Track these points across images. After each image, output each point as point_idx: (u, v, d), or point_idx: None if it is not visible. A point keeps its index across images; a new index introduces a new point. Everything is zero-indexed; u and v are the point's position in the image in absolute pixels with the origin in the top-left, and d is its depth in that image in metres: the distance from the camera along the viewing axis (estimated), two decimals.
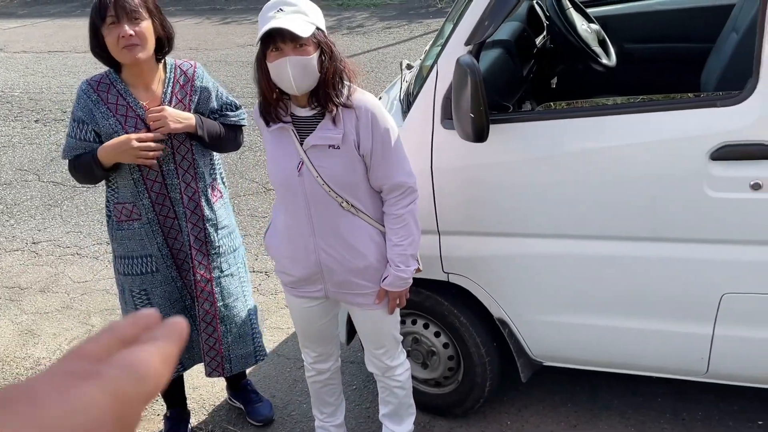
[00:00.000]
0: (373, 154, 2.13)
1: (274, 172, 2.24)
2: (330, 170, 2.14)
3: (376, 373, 2.53)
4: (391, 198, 2.20)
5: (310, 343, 2.52)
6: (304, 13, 2.02)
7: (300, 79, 2.02)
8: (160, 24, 2.37)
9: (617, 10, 3.56)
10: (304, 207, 2.20)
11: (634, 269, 2.34)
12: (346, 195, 2.18)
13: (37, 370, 3.50)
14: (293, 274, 2.31)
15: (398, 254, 2.23)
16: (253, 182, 5.32)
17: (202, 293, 2.59)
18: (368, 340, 2.46)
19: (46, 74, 8.82)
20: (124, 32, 2.25)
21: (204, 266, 2.59)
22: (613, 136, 2.23)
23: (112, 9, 2.25)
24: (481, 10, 2.26)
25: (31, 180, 5.75)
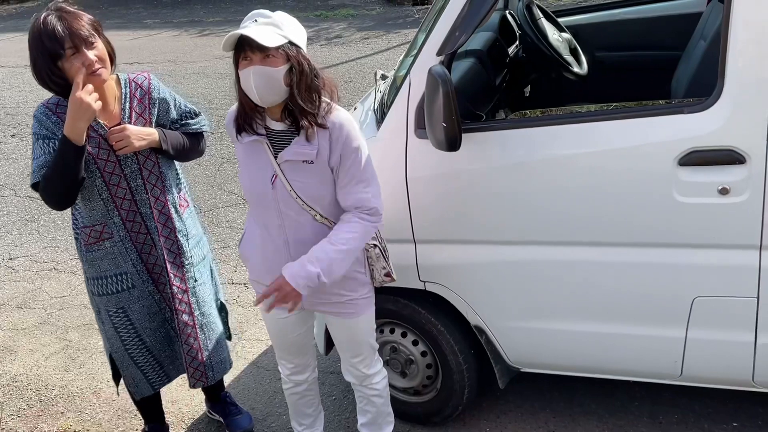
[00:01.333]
0: (341, 170, 2.13)
1: (247, 185, 2.24)
2: (303, 184, 2.15)
3: (354, 382, 2.53)
4: (357, 212, 2.17)
5: (286, 354, 2.51)
6: (277, 26, 2.04)
7: (263, 89, 2.03)
8: (106, 41, 2.36)
9: (588, 20, 3.60)
10: (278, 218, 2.21)
11: (606, 274, 2.36)
12: (319, 208, 2.19)
13: (14, 387, 3.46)
14: (266, 284, 2.31)
15: (322, 251, 2.11)
16: (231, 194, 5.31)
17: (180, 304, 2.59)
18: (344, 349, 2.46)
19: (23, 89, 8.76)
20: (89, 60, 2.23)
21: (179, 278, 2.58)
22: (586, 143, 2.26)
23: (69, 40, 2.21)
24: (453, 20, 2.28)
25: (7, 195, 5.70)
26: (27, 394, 3.41)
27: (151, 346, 2.63)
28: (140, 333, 2.59)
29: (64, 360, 3.63)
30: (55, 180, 2.30)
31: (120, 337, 2.58)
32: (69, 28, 2.22)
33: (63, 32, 2.21)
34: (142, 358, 2.62)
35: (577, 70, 3.04)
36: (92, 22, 2.31)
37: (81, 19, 2.27)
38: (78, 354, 3.66)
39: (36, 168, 2.33)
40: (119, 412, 3.22)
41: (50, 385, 3.46)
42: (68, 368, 3.56)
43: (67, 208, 2.42)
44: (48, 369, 3.58)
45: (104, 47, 2.31)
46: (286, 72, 2.03)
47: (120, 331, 2.57)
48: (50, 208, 2.42)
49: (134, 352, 2.61)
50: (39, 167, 2.32)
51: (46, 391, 3.42)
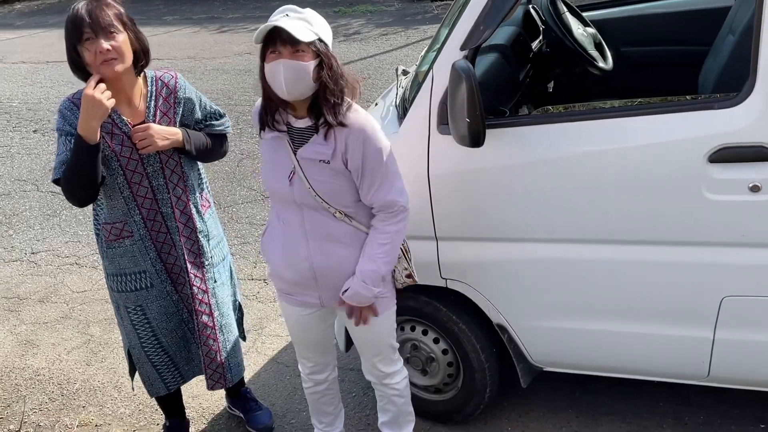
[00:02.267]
0: (363, 173, 2.12)
1: (269, 180, 2.24)
2: (321, 182, 2.13)
3: (374, 381, 2.51)
4: (383, 214, 2.19)
5: (306, 352, 2.50)
6: (308, 21, 2.04)
7: (291, 84, 2.01)
8: (135, 37, 2.34)
9: (613, 14, 3.55)
10: (298, 215, 2.20)
11: (633, 273, 2.33)
12: (339, 206, 2.17)
13: (37, 381, 3.48)
14: (287, 279, 2.30)
15: (371, 271, 2.19)
16: (251, 190, 5.32)
17: (200, 305, 2.58)
18: (364, 348, 2.44)
19: (45, 84, 8.83)
20: (102, 48, 2.22)
21: (200, 278, 2.58)
22: (612, 139, 2.22)
23: (87, 26, 2.22)
24: (477, 15, 2.26)
25: (29, 190, 5.74)
26: (49, 388, 3.43)
27: (167, 347, 2.62)
28: (156, 333, 2.59)
29: (86, 354, 3.65)
30: (73, 178, 2.30)
31: (137, 333, 2.58)
32: (91, 14, 2.23)
33: (85, 18, 2.22)
34: (157, 357, 2.62)
35: (601, 65, 3.00)
36: (119, 15, 2.30)
37: (107, 9, 2.27)
38: (100, 348, 3.68)
39: (57, 164, 2.34)
40: (140, 406, 3.23)
41: (72, 379, 3.47)
42: (90, 362, 3.58)
43: (88, 205, 2.41)
44: (70, 363, 3.59)
45: (128, 41, 2.30)
46: (314, 68, 2.02)
47: (137, 328, 2.58)
48: (72, 204, 2.41)
49: (150, 351, 2.61)
50: (60, 164, 2.33)
51: (68, 385, 3.44)
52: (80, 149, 2.23)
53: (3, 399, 3.39)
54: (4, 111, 7.76)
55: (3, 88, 8.84)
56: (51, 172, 2.42)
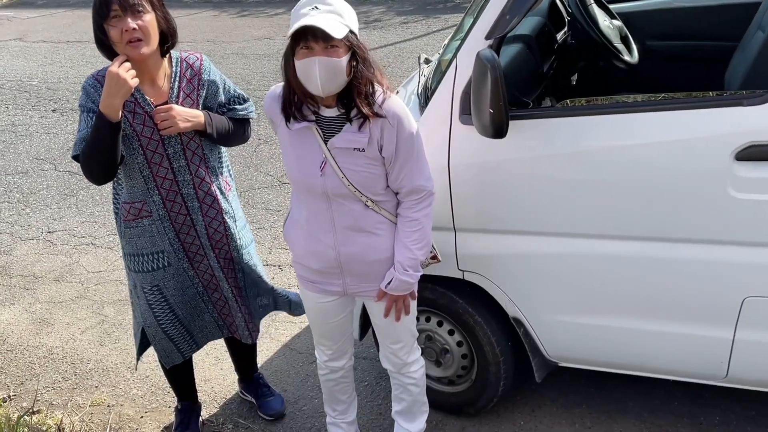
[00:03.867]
0: (395, 159, 2.10)
1: (295, 171, 2.18)
2: (355, 171, 2.10)
3: (391, 369, 2.50)
4: (409, 201, 2.18)
5: (325, 340, 2.49)
6: (339, 14, 1.97)
7: (327, 81, 1.97)
8: (163, 17, 2.33)
9: (640, 7, 3.50)
10: (326, 204, 2.17)
11: (654, 270, 2.29)
12: (371, 194, 2.15)
13: (50, 360, 3.50)
14: (311, 267, 2.29)
15: (408, 258, 2.20)
16: (267, 175, 5.31)
17: (229, 274, 2.62)
18: (384, 335, 2.43)
19: (64, 64, 8.85)
20: (128, 26, 2.20)
21: (226, 251, 2.60)
22: (634, 134, 2.19)
23: (116, 2, 2.21)
24: (503, 4, 2.22)
25: (47, 169, 5.76)
26: (63, 367, 3.45)
27: (183, 318, 2.65)
28: (173, 307, 2.60)
29: (99, 334, 3.66)
30: (92, 155, 2.29)
31: (153, 312, 2.59)
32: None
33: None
34: (174, 330, 2.64)
35: (627, 58, 2.96)
36: None
37: None
38: (113, 329, 3.69)
39: (78, 141, 2.33)
40: (153, 388, 3.24)
41: (85, 358, 3.49)
42: (103, 343, 3.60)
43: (106, 183, 2.40)
44: (83, 343, 3.61)
45: (155, 21, 2.28)
46: (347, 61, 1.98)
47: (154, 307, 2.58)
48: (89, 182, 2.41)
49: (167, 326, 2.62)
50: (80, 140, 2.32)
51: (81, 364, 3.45)
52: (101, 126, 2.22)
53: (17, 376, 3.41)
54: (23, 90, 7.80)
55: (23, 66, 8.88)
56: (69, 152, 2.41)
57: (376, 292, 2.27)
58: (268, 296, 2.79)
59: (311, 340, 3.43)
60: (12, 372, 3.44)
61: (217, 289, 2.64)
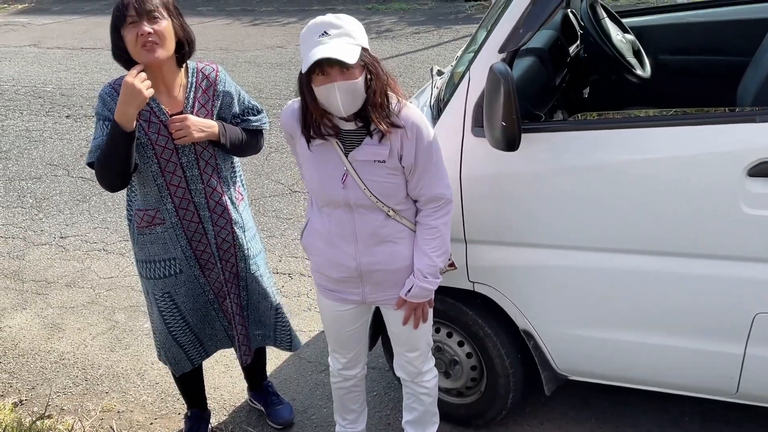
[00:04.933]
0: (414, 167, 2.12)
1: (316, 184, 2.19)
2: (377, 182, 2.12)
3: (405, 378, 2.51)
4: (428, 209, 2.19)
5: (340, 348, 2.50)
6: (350, 35, 1.97)
7: (347, 103, 2.00)
8: (179, 25, 2.36)
9: (653, 21, 3.51)
10: (348, 216, 2.19)
11: (664, 285, 2.29)
12: (393, 204, 2.17)
13: (62, 365, 3.52)
14: (331, 276, 2.30)
15: (428, 266, 2.21)
16: (278, 184, 5.33)
17: (232, 288, 2.62)
18: (401, 343, 2.43)
19: (78, 71, 8.93)
20: (143, 30, 2.24)
21: (232, 264, 2.61)
22: (646, 148, 2.20)
23: (132, 8, 2.24)
24: (517, 18, 2.23)
25: (60, 175, 5.81)
26: (73, 372, 3.47)
27: (193, 325, 2.66)
28: (184, 314, 2.62)
29: (110, 340, 3.68)
30: (106, 163, 2.31)
31: (164, 319, 2.61)
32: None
33: (130, 2, 2.25)
34: (184, 337, 2.66)
35: (639, 72, 2.97)
36: (165, 2, 2.32)
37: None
38: (124, 335, 3.72)
39: (93, 148, 2.36)
40: (162, 395, 3.26)
41: (96, 364, 3.51)
42: (114, 348, 3.62)
43: (119, 190, 2.44)
44: (94, 348, 3.63)
45: (171, 28, 2.31)
46: (364, 80, 2.01)
47: (165, 314, 2.60)
48: (103, 189, 2.43)
49: (177, 333, 2.64)
50: (95, 148, 2.35)
51: (92, 370, 3.47)
52: (115, 136, 2.25)
53: (28, 381, 3.43)
54: (38, 95, 7.87)
55: (38, 72, 8.96)
56: (82, 158, 2.44)
57: (395, 300, 2.29)
58: (269, 329, 2.79)
59: (320, 349, 3.45)
60: (24, 377, 3.47)
61: (226, 298, 2.66)
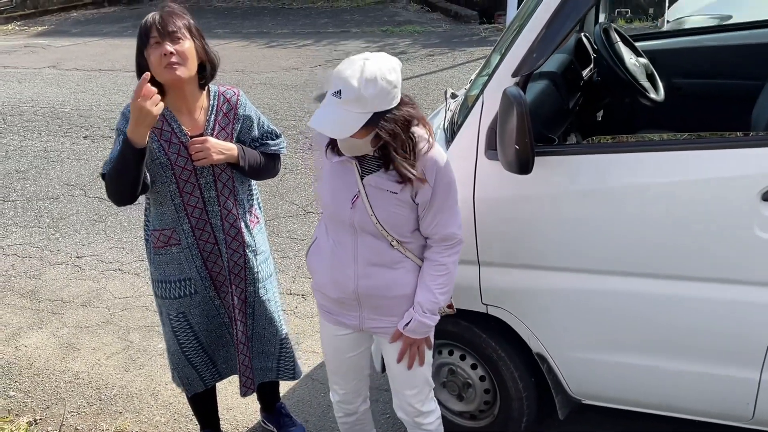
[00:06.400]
0: (429, 206, 2.12)
1: (328, 200, 2.21)
2: (385, 211, 2.12)
3: (405, 419, 2.44)
4: (439, 247, 2.19)
5: (338, 378, 2.47)
6: (362, 100, 1.91)
7: (352, 151, 2.05)
8: (202, 47, 2.40)
9: (666, 45, 3.52)
10: (352, 237, 2.19)
11: (678, 309, 2.29)
12: (397, 235, 2.16)
13: (76, 384, 3.54)
14: (330, 295, 2.30)
15: (430, 301, 2.19)
16: (293, 204, 5.36)
17: (238, 315, 2.61)
18: (398, 380, 2.38)
19: (96, 92, 9.03)
20: (166, 50, 2.28)
21: (240, 290, 2.61)
22: (660, 172, 2.20)
23: (155, 29, 2.30)
24: (530, 42, 2.25)
25: (77, 195, 5.87)
26: (87, 392, 3.48)
27: (207, 346, 2.67)
28: (198, 334, 2.63)
29: (124, 360, 3.70)
30: (116, 177, 2.34)
31: (178, 340, 2.62)
32: (161, 19, 2.31)
33: (154, 23, 2.30)
34: (197, 358, 2.66)
35: (653, 96, 2.97)
36: (188, 24, 2.37)
37: (176, 17, 2.34)
38: (138, 355, 3.73)
39: (108, 160, 2.39)
40: (176, 415, 3.26)
41: (110, 384, 3.53)
42: (128, 368, 3.63)
43: (126, 205, 2.44)
44: (109, 368, 3.65)
45: (194, 50, 2.36)
46: (372, 137, 2.00)
47: (178, 334, 2.61)
48: (111, 202, 2.45)
49: (190, 353, 2.65)
50: (110, 161, 2.37)
51: (106, 390, 3.49)
52: (126, 151, 2.28)
53: (43, 400, 3.45)
54: (56, 116, 7.96)
55: (56, 93, 9.08)
56: (99, 178, 2.47)
57: (392, 331, 2.26)
58: (272, 360, 2.79)
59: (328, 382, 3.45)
60: (38, 396, 3.49)
61: (232, 325, 2.65)
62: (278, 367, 2.81)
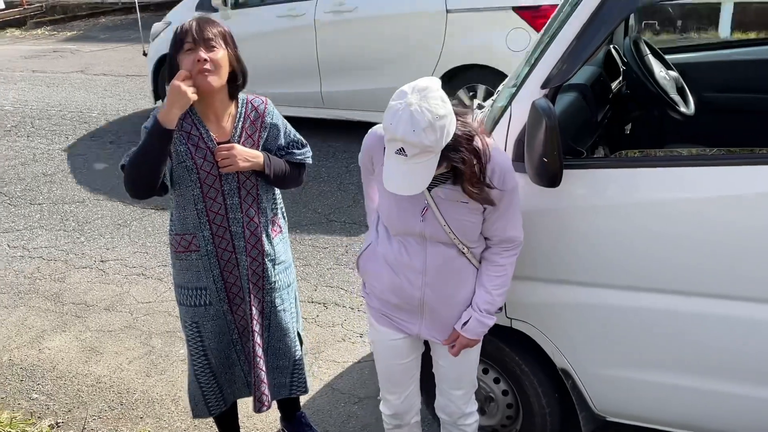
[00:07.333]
0: (495, 210, 2.12)
1: (393, 213, 2.17)
2: (457, 220, 2.12)
3: (446, 419, 2.46)
4: (499, 248, 2.19)
5: (391, 385, 2.44)
6: (428, 148, 1.86)
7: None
8: (234, 57, 2.42)
9: (697, 58, 3.49)
10: (420, 246, 2.18)
11: (708, 327, 2.24)
12: (467, 241, 2.17)
13: (98, 388, 3.55)
14: (390, 301, 2.28)
15: (487, 302, 2.21)
16: (315, 212, 5.36)
17: (256, 326, 2.61)
18: (447, 379, 2.41)
19: (123, 97, 9.13)
20: (199, 56, 2.30)
21: (258, 300, 2.61)
22: (690, 188, 2.17)
23: (191, 36, 2.32)
24: (560, 54, 2.23)
25: (102, 199, 5.92)
26: (109, 396, 3.50)
27: (215, 368, 2.66)
28: (207, 352, 2.63)
29: (146, 365, 3.71)
30: (137, 163, 2.36)
31: (189, 350, 2.63)
32: (196, 27, 2.33)
33: (189, 29, 2.33)
34: (204, 378, 2.66)
35: (683, 109, 2.94)
36: (223, 32, 2.39)
37: (211, 26, 2.36)
38: (160, 360, 3.74)
39: (131, 152, 2.41)
40: (196, 421, 3.26)
41: (132, 389, 3.54)
42: (150, 374, 3.64)
43: (143, 198, 2.46)
44: (130, 373, 3.66)
45: (227, 59, 2.37)
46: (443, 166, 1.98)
47: (190, 344, 2.62)
48: (128, 193, 2.45)
49: (198, 370, 2.65)
50: (133, 153, 2.39)
51: (128, 394, 3.50)
52: (154, 133, 2.31)
53: (65, 403, 3.47)
54: (83, 120, 8.05)
55: (84, 98, 9.18)
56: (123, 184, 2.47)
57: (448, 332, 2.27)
58: (285, 374, 2.76)
59: (354, 381, 3.44)
60: (60, 399, 3.51)
61: (249, 339, 2.64)
62: (291, 382, 2.79)
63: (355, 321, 3.94)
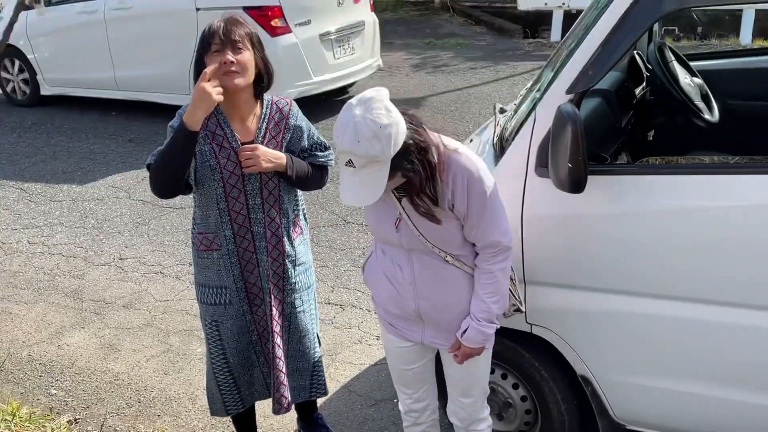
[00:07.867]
0: (468, 215, 2.10)
1: (374, 224, 2.23)
2: (432, 228, 2.10)
3: (458, 424, 2.46)
4: (485, 254, 2.17)
5: (403, 387, 2.47)
6: (375, 157, 1.89)
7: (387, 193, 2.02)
8: (261, 58, 2.43)
9: (722, 65, 3.46)
10: (406, 257, 2.19)
11: (729, 336, 2.23)
12: (449, 249, 2.15)
13: (116, 385, 3.57)
14: (391, 311, 2.30)
15: (482, 310, 2.18)
16: (333, 214, 5.37)
17: (276, 328, 2.61)
18: (456, 387, 2.40)
19: None
20: (226, 58, 2.32)
21: (279, 300, 2.61)
22: (714, 196, 2.16)
23: (218, 37, 2.33)
24: (586, 60, 2.23)
25: (122, 197, 5.96)
26: (127, 394, 3.52)
27: (233, 368, 2.66)
28: (226, 352, 2.63)
29: (164, 363, 3.73)
30: (163, 163, 2.38)
31: (208, 349, 2.63)
32: (224, 28, 2.34)
33: (217, 31, 2.34)
34: (222, 377, 2.66)
35: (707, 117, 2.92)
36: (250, 34, 2.40)
37: (239, 27, 2.37)
38: (178, 359, 3.76)
39: (157, 152, 2.42)
40: (213, 420, 3.27)
41: (149, 386, 3.55)
42: (167, 372, 3.66)
43: (168, 198, 2.48)
44: (148, 371, 3.68)
45: (253, 60, 2.39)
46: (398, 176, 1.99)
47: (209, 343, 2.63)
48: (153, 193, 2.47)
49: (217, 369, 2.66)
50: (158, 152, 2.41)
51: (145, 392, 3.52)
52: (179, 134, 2.32)
53: (83, 400, 3.49)
54: (103, 119, 8.10)
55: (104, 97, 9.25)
56: (143, 181, 2.50)
57: (452, 340, 2.25)
58: (305, 377, 2.76)
59: (371, 383, 3.44)
60: (79, 395, 3.53)
61: (269, 340, 2.64)
62: (311, 384, 2.79)
63: (371, 323, 3.94)
